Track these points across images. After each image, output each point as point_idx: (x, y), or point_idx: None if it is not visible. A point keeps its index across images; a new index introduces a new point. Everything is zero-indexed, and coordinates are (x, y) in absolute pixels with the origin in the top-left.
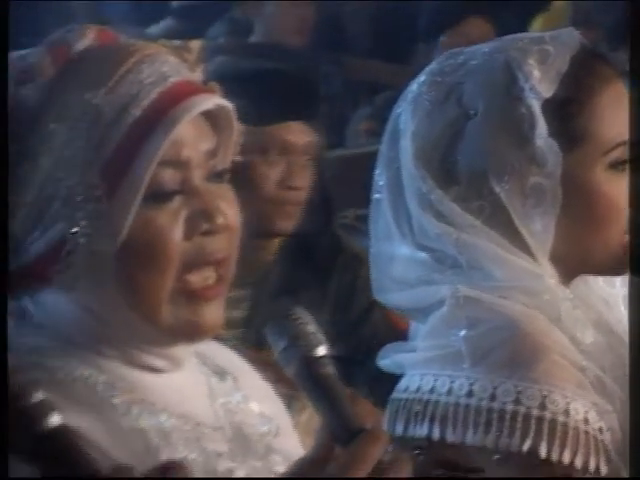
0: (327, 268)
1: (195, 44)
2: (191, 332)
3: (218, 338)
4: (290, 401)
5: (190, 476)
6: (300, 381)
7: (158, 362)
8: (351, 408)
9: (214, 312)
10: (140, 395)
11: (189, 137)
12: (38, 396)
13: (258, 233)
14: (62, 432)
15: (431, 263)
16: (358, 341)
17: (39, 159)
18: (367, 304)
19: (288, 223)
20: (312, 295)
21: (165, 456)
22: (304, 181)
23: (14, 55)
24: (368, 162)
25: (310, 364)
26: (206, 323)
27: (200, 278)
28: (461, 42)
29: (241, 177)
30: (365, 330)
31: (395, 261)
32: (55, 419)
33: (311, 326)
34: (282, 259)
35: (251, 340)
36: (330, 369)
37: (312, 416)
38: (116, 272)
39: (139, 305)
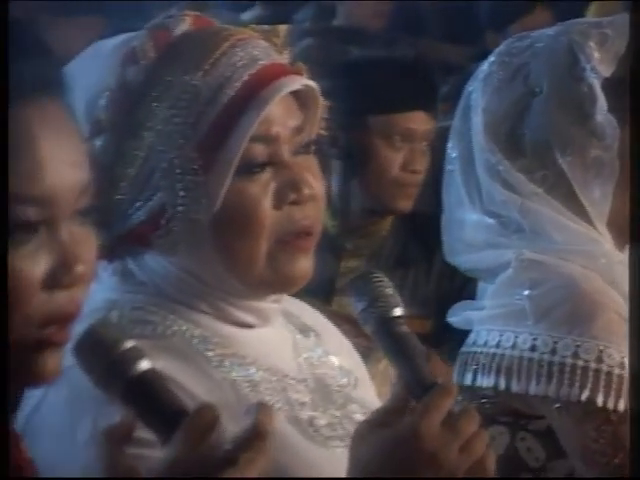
0: (434, 242)
1: (282, 28)
2: (283, 282)
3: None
4: (368, 353)
5: (274, 420)
6: (378, 339)
7: (249, 318)
8: (425, 364)
9: (304, 263)
10: (232, 349)
11: (278, 115)
12: (129, 344)
13: (378, 210)
14: (151, 375)
15: (497, 228)
16: None
17: (142, 135)
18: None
19: (407, 203)
20: (420, 266)
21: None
22: (423, 165)
23: (119, 39)
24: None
25: (387, 323)
26: (297, 273)
27: (286, 241)
28: (528, 30)
29: (367, 160)
30: (467, 297)
31: (465, 226)
32: (144, 364)
33: (389, 288)
34: (395, 234)
35: None
36: (405, 328)
37: (388, 366)
38: (213, 237)
39: (234, 265)
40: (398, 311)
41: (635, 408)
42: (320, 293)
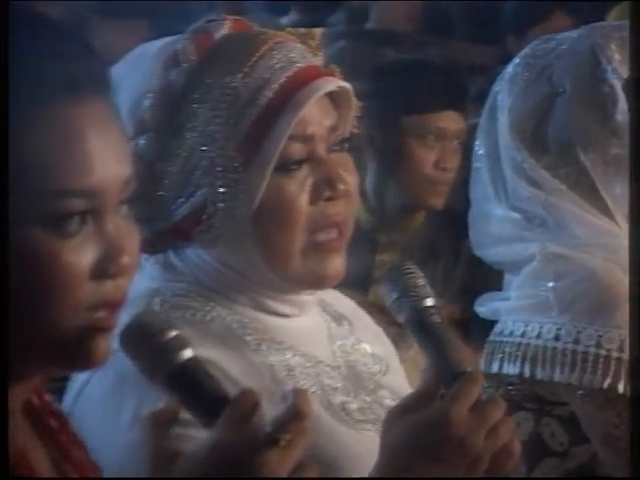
0: (463, 236)
1: (318, 31)
2: (316, 280)
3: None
4: (399, 340)
5: (309, 403)
6: (410, 327)
7: (286, 308)
8: (454, 352)
9: (336, 263)
10: (269, 335)
11: (314, 115)
12: (173, 333)
13: (412, 207)
14: (193, 363)
15: (522, 222)
16: None
17: (185, 134)
18: None
19: (440, 200)
20: (450, 259)
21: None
22: (454, 163)
23: (162, 42)
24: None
25: (419, 313)
26: (329, 273)
27: (325, 234)
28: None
29: (401, 158)
30: (494, 288)
31: (491, 220)
32: (187, 352)
33: (420, 279)
34: (428, 229)
35: None
36: (437, 318)
37: (418, 353)
38: (252, 232)
39: (272, 259)
40: (429, 301)
41: (635, 396)
42: (356, 285)
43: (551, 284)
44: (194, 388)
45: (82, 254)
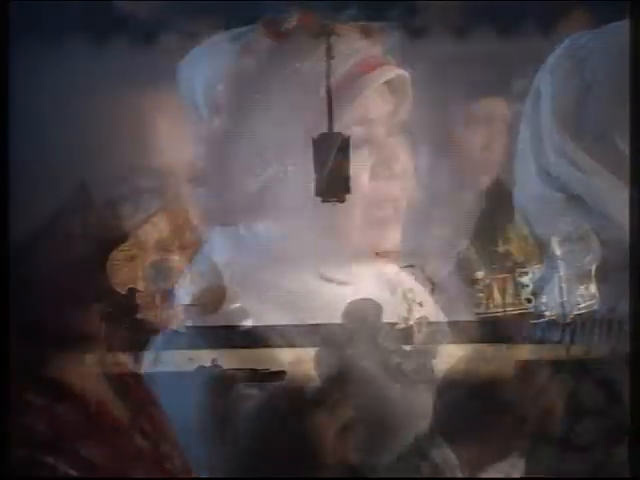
0: (510, 213)
1: (376, 25)
2: (373, 253)
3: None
4: (450, 309)
5: (355, 368)
6: (462, 299)
7: (346, 277)
8: (500, 321)
9: (391, 237)
10: (330, 302)
11: (374, 100)
12: (235, 304)
13: (461, 185)
14: (253, 332)
15: (563, 201)
16: None
17: (255, 116)
18: None
19: (487, 179)
20: (498, 234)
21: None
22: (501, 145)
23: (234, 32)
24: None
25: (470, 284)
26: (385, 246)
27: (381, 211)
28: (570, 33)
29: (451, 141)
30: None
31: (534, 199)
32: (248, 322)
33: (472, 254)
34: (476, 206)
35: None
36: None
37: (469, 322)
38: (315, 207)
39: (335, 232)
40: (480, 274)
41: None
42: (408, 261)
43: (589, 257)
44: (251, 354)
45: (151, 227)
